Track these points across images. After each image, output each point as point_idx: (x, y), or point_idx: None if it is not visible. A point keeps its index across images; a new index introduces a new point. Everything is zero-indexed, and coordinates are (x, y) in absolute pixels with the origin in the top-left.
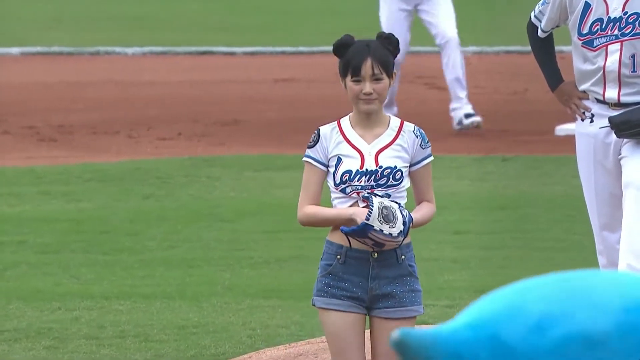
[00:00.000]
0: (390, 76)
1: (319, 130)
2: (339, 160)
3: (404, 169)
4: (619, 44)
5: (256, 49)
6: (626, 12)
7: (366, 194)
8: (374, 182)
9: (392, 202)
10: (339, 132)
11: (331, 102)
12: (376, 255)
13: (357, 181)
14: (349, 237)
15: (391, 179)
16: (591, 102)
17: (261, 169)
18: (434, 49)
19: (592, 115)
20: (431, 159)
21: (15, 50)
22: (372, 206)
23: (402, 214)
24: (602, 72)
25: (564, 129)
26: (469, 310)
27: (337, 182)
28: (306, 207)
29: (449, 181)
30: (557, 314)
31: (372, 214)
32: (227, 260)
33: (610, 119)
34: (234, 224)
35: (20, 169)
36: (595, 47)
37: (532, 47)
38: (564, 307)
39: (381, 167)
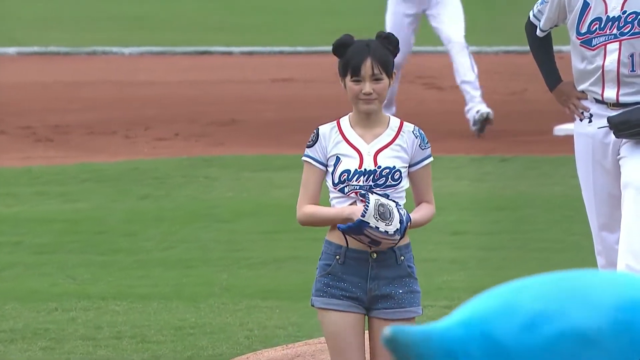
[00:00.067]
0: (390, 76)
1: (318, 129)
2: (338, 159)
3: (403, 170)
4: (618, 43)
5: (254, 48)
6: (625, 11)
7: (363, 191)
8: (373, 182)
9: (390, 200)
10: (338, 132)
11: (329, 102)
12: (375, 255)
13: (356, 181)
14: (345, 235)
15: (390, 179)
16: (590, 102)
17: (259, 169)
18: (434, 49)
19: (591, 115)
20: (430, 159)
21: (11, 50)
22: (369, 203)
23: (399, 212)
24: (600, 71)
25: (562, 129)
26: (462, 308)
27: (335, 181)
28: (305, 207)
29: (448, 181)
30: (550, 311)
31: (368, 210)
32: (225, 260)
33: (609, 119)
34: (232, 225)
35: (16, 169)
36: (593, 46)
37: (530, 47)
38: (557, 305)
39: (380, 167)
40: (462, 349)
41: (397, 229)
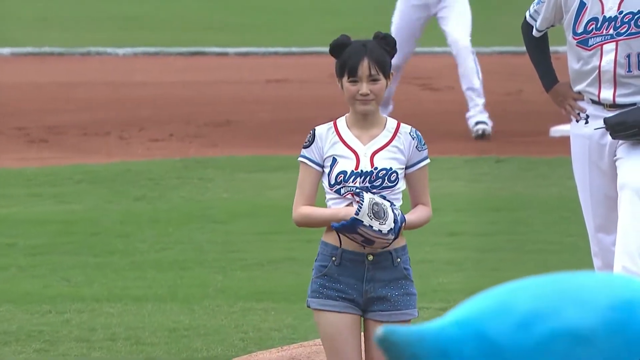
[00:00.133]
0: (387, 77)
1: (315, 130)
2: (334, 160)
3: (400, 171)
4: (614, 43)
5: (249, 49)
6: (621, 12)
7: (357, 190)
8: (369, 183)
9: (385, 200)
10: (334, 133)
11: (324, 102)
12: (371, 257)
13: (352, 182)
14: (339, 235)
15: (386, 181)
16: (586, 103)
17: (254, 170)
18: (430, 50)
19: (587, 116)
20: (427, 161)
21: (5, 50)
22: (363, 201)
23: (393, 212)
24: (597, 72)
25: (559, 130)
26: (456, 309)
27: (331, 182)
28: (301, 208)
29: (444, 182)
30: (544, 311)
31: (362, 209)
32: (220, 262)
33: (605, 120)
34: (227, 226)
35: (10, 171)
36: (590, 46)
37: (526, 47)
38: (551, 305)
39: (376, 168)
40: (456, 349)
41: (391, 229)
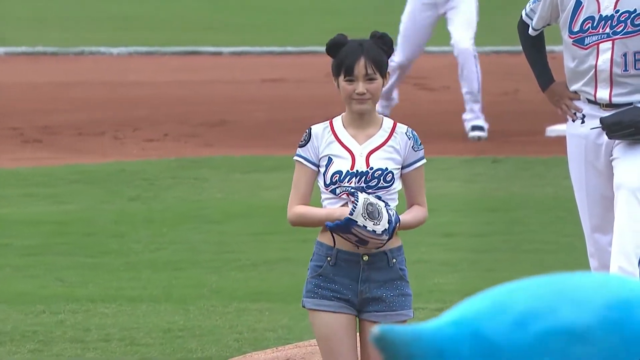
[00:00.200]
0: (383, 76)
1: (311, 129)
2: (330, 160)
3: (396, 171)
4: (611, 42)
5: (244, 49)
6: (618, 10)
7: (352, 189)
8: (365, 183)
9: (379, 200)
10: (330, 132)
11: (320, 102)
12: (367, 258)
13: (348, 182)
14: (333, 235)
15: (382, 181)
16: (582, 103)
17: (249, 171)
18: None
19: (584, 116)
20: (423, 161)
21: None
22: (357, 201)
23: (388, 212)
24: (593, 71)
25: (555, 130)
26: (452, 309)
27: (327, 182)
28: (296, 207)
29: (439, 183)
30: (540, 310)
31: (356, 209)
32: (214, 262)
33: (601, 120)
34: (222, 226)
35: (4, 171)
36: (586, 45)
37: (522, 46)
38: (547, 304)
39: (372, 168)
40: (453, 348)
41: (386, 229)
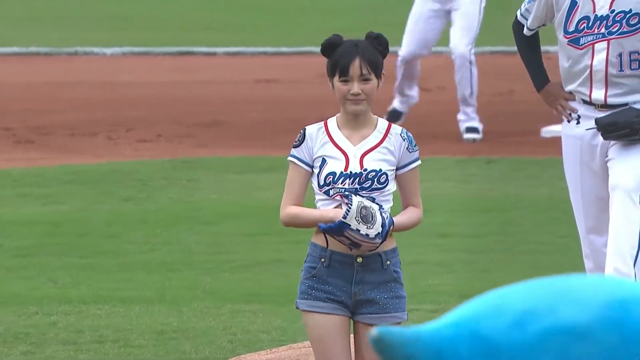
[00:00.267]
0: (378, 77)
1: (305, 129)
2: (324, 161)
3: (390, 173)
4: (606, 42)
5: (237, 49)
6: (613, 10)
7: (347, 192)
8: (358, 184)
9: (374, 203)
10: (325, 133)
11: (314, 103)
12: (361, 260)
13: (341, 183)
14: (326, 236)
15: (376, 182)
16: (577, 104)
17: (243, 171)
18: None
19: (579, 116)
20: (418, 163)
21: None
22: (351, 205)
23: (382, 215)
24: (589, 71)
25: (550, 131)
26: (451, 312)
27: (320, 183)
28: (289, 208)
29: (434, 183)
30: (538, 310)
31: (350, 212)
32: (208, 263)
33: (596, 121)
34: (215, 227)
35: None
36: (581, 45)
37: (517, 46)
38: (545, 304)
39: (366, 169)
40: (452, 349)
41: (379, 233)
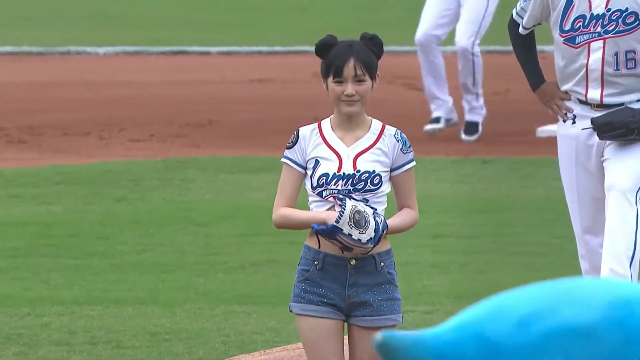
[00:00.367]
0: (373, 78)
1: (299, 131)
2: (317, 162)
3: (383, 174)
4: (602, 41)
5: (231, 48)
6: (609, 9)
7: (341, 195)
8: (352, 186)
9: (368, 207)
10: (318, 134)
11: (308, 102)
12: (354, 262)
13: (334, 185)
14: (318, 237)
15: (369, 184)
16: (573, 103)
17: (236, 171)
18: (412, 49)
19: (574, 116)
20: (413, 164)
21: None
22: (344, 209)
23: (375, 220)
24: (584, 70)
25: (545, 130)
26: (453, 317)
27: (314, 185)
28: (281, 209)
29: (428, 184)
30: (542, 311)
31: (342, 217)
32: (201, 265)
33: (592, 121)
34: (208, 228)
35: None
36: (577, 44)
37: (513, 45)
38: (548, 305)
39: (359, 171)
40: (456, 352)
41: (371, 238)
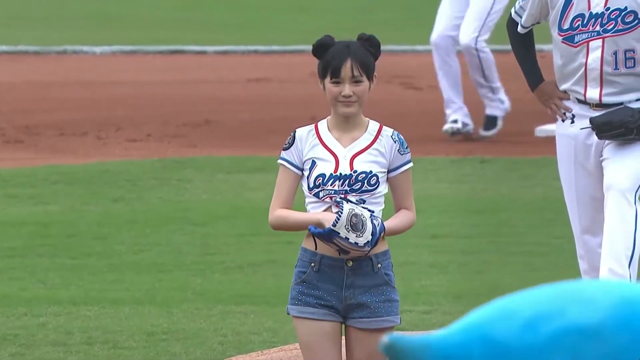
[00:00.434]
0: (370, 78)
1: (295, 132)
2: (313, 163)
3: (380, 175)
4: (601, 40)
5: (228, 47)
6: (608, 8)
7: (339, 198)
8: (348, 186)
9: (365, 210)
10: (315, 135)
11: (305, 102)
12: (351, 263)
13: (331, 185)
14: (315, 239)
15: (366, 184)
16: (572, 103)
17: (233, 171)
18: (411, 48)
19: (573, 116)
20: (410, 165)
21: None
22: (341, 212)
23: (372, 223)
24: (583, 69)
25: (544, 130)
26: (460, 320)
27: (310, 186)
28: (277, 211)
29: (427, 184)
30: (549, 312)
31: (339, 220)
32: (198, 264)
33: (591, 120)
34: (206, 228)
35: None
36: (576, 43)
37: (511, 44)
38: (555, 306)
39: (356, 171)
40: (463, 354)
41: (368, 241)
